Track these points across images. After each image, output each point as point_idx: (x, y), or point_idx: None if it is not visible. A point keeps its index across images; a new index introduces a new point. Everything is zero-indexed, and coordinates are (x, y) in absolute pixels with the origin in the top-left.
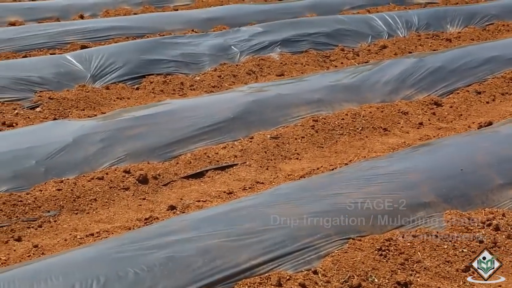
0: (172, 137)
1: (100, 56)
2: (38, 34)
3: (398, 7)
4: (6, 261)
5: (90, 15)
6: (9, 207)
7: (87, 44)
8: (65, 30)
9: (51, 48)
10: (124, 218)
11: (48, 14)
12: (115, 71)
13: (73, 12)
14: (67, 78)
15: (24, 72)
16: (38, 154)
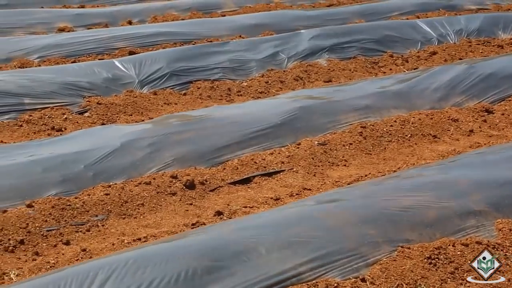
0: (219, 142)
1: (148, 61)
2: (87, 40)
3: (448, 13)
4: (55, 264)
5: (138, 21)
6: (58, 211)
7: (135, 50)
8: (113, 35)
9: (100, 54)
10: (171, 223)
11: (96, 20)
12: (162, 77)
13: (122, 18)
14: (115, 83)
15: (73, 77)
16: (87, 158)
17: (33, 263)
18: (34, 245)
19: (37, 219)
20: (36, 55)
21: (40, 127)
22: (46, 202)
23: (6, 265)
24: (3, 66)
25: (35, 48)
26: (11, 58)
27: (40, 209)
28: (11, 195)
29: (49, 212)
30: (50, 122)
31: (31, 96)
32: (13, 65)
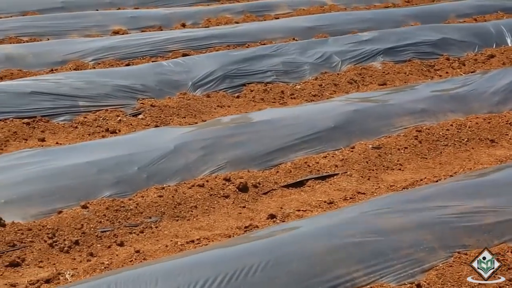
0: (272, 145)
1: (201, 64)
2: (141, 42)
3: (506, 15)
4: (109, 265)
5: (191, 24)
6: (112, 212)
7: (188, 52)
8: (167, 38)
9: (153, 56)
10: (224, 225)
11: (150, 23)
12: (216, 79)
13: (175, 20)
14: (168, 86)
15: (127, 79)
16: (140, 160)
17: (88, 264)
18: (89, 246)
19: (91, 220)
20: (91, 57)
21: (95, 128)
22: (101, 203)
23: (61, 265)
24: (58, 68)
25: (90, 50)
26: (67, 61)
27: (95, 210)
28: (66, 196)
29: (103, 213)
30: (105, 124)
31: (86, 98)
32: (68, 67)
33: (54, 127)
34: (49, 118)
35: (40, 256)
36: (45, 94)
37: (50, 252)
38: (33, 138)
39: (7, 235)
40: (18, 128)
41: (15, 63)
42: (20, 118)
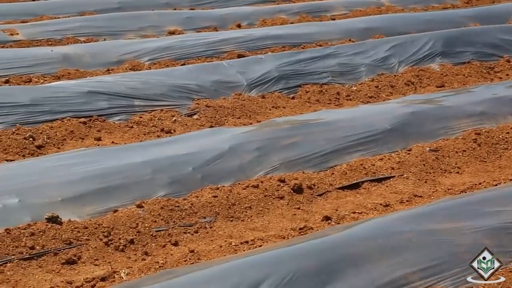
0: (327, 147)
1: (257, 64)
2: (196, 43)
3: None
4: (164, 264)
5: (247, 25)
6: (167, 212)
7: (243, 53)
8: (222, 39)
9: (209, 57)
10: (279, 227)
11: (206, 24)
12: (271, 80)
13: (231, 21)
14: (223, 86)
15: (183, 80)
16: (195, 160)
17: (143, 263)
18: (144, 245)
19: (146, 219)
20: (146, 57)
21: (150, 128)
22: (156, 202)
23: (116, 263)
24: (115, 68)
25: (146, 50)
26: (123, 61)
27: (150, 210)
28: (121, 195)
29: (158, 212)
30: (160, 124)
31: (142, 98)
32: (124, 67)
33: (110, 127)
34: (105, 118)
35: (96, 254)
36: (102, 94)
37: (106, 251)
38: (89, 137)
39: (63, 233)
40: (75, 127)
41: (72, 63)
42: (77, 117)
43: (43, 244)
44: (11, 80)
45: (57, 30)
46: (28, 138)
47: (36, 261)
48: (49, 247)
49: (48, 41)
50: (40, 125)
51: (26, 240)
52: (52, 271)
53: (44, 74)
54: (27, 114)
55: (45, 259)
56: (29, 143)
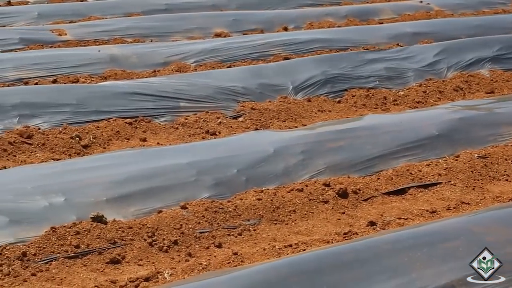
0: (373, 152)
1: (303, 68)
2: (242, 45)
3: None
4: (207, 266)
5: (293, 27)
6: (211, 213)
7: (290, 56)
8: (268, 41)
9: (255, 60)
10: (323, 231)
11: (252, 26)
12: (316, 84)
13: (277, 24)
14: (269, 89)
15: (228, 82)
16: (240, 163)
17: (186, 264)
18: (187, 246)
19: (190, 220)
20: (192, 59)
21: (195, 130)
22: (200, 204)
23: (160, 264)
24: (161, 70)
25: (192, 52)
26: (169, 62)
27: (194, 211)
28: (166, 196)
29: (202, 214)
30: (205, 125)
31: (187, 99)
32: (170, 69)
33: (155, 128)
34: (151, 119)
35: (140, 254)
36: (148, 95)
37: (150, 251)
38: (135, 138)
39: (108, 232)
40: (120, 128)
41: (119, 63)
42: (123, 118)
43: (88, 243)
44: (59, 80)
45: (104, 31)
46: (75, 137)
47: (81, 260)
48: (94, 246)
49: (96, 42)
50: (86, 125)
51: (71, 239)
52: (96, 270)
53: (91, 75)
54: (74, 114)
55: (89, 258)
56: (75, 142)
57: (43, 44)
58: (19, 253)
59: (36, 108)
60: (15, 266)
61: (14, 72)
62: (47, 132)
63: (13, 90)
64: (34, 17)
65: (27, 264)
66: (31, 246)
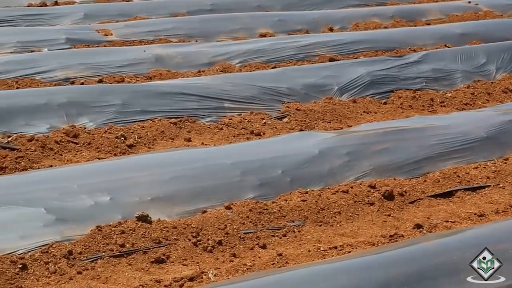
0: (420, 154)
1: (348, 69)
2: (287, 46)
3: None
4: (251, 267)
5: (339, 28)
6: (255, 214)
7: (335, 57)
8: (313, 42)
9: (300, 60)
10: (368, 233)
11: (297, 26)
12: (362, 85)
13: (323, 24)
14: (314, 90)
15: (273, 82)
16: (284, 164)
17: (230, 264)
18: (232, 247)
19: (235, 221)
20: (237, 60)
21: (240, 130)
22: (244, 205)
23: (204, 264)
24: (206, 70)
25: (237, 53)
26: (214, 62)
27: (238, 212)
28: (210, 196)
29: (246, 215)
30: (250, 126)
31: (232, 100)
32: (215, 69)
33: (200, 128)
34: (195, 119)
35: (184, 254)
36: (192, 95)
37: (194, 251)
38: (179, 138)
39: (153, 232)
40: (165, 128)
41: (164, 63)
42: (167, 117)
43: (133, 242)
44: (104, 80)
45: (149, 31)
46: (120, 137)
47: (125, 259)
48: (139, 246)
49: (141, 42)
50: (131, 125)
51: (117, 238)
52: (141, 269)
53: (136, 74)
54: (119, 114)
55: (134, 257)
56: (120, 142)
57: (89, 44)
58: (65, 251)
59: (82, 107)
60: (61, 264)
61: (60, 71)
62: (93, 131)
63: (59, 90)
64: (80, 17)
65: (73, 262)
66: (77, 245)
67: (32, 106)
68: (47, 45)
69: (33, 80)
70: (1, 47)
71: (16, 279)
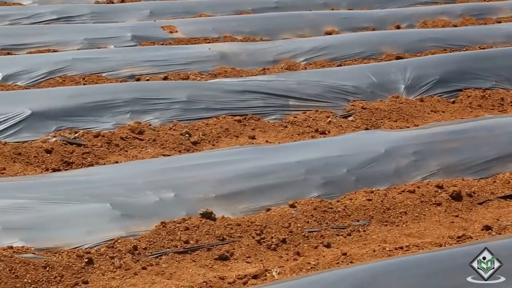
0: (489, 154)
1: (415, 67)
2: (353, 43)
3: None
4: (315, 266)
5: (406, 26)
6: (319, 213)
7: (402, 55)
8: (380, 40)
9: (366, 58)
10: (435, 234)
11: (363, 24)
12: (430, 83)
13: (390, 22)
14: (380, 88)
15: (338, 80)
16: (350, 162)
17: (294, 263)
18: (296, 245)
19: (299, 219)
20: (302, 57)
21: (304, 128)
22: (308, 203)
23: (268, 262)
24: (270, 68)
25: (302, 50)
26: (279, 60)
27: (302, 210)
28: (274, 194)
29: (311, 213)
30: (314, 124)
31: (297, 98)
32: (280, 67)
33: (264, 126)
34: (260, 117)
35: (248, 252)
36: (257, 93)
37: (258, 249)
38: (243, 136)
39: (217, 229)
40: (229, 125)
41: (228, 61)
42: (232, 115)
43: (197, 239)
44: (169, 77)
45: (214, 28)
46: (184, 134)
47: (190, 255)
48: (203, 242)
49: (206, 39)
50: (196, 122)
51: (181, 234)
52: (205, 266)
53: (201, 72)
54: (184, 111)
55: (198, 254)
56: (185, 139)
57: (154, 41)
58: (130, 247)
59: (147, 104)
60: (127, 259)
61: (126, 68)
62: (158, 128)
63: (125, 86)
64: (146, 14)
65: (137, 257)
66: (142, 240)
67: (98, 103)
68: (113, 42)
69: (99, 77)
70: (68, 44)
71: (82, 273)
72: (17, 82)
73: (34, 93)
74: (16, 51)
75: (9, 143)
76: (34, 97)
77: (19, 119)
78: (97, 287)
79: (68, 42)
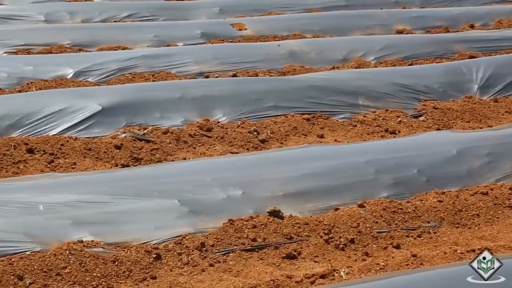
0: None
1: (490, 67)
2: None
3: None
4: (384, 267)
5: (480, 25)
6: (389, 213)
7: (475, 54)
8: (452, 39)
9: (438, 57)
10: (509, 237)
11: (436, 23)
12: (504, 83)
13: (463, 21)
14: (453, 88)
15: (409, 80)
16: (420, 163)
17: (363, 263)
18: (364, 246)
19: (368, 220)
20: (372, 56)
21: (374, 128)
22: (378, 203)
23: (336, 262)
24: (340, 66)
25: (372, 49)
26: (348, 59)
27: (371, 210)
28: (343, 194)
29: (380, 214)
30: (384, 124)
31: (366, 97)
32: (350, 66)
33: (333, 124)
34: (328, 115)
35: (316, 251)
36: (326, 91)
37: (326, 248)
38: (312, 134)
39: (284, 227)
40: (298, 124)
41: (298, 59)
42: (300, 113)
43: (265, 237)
44: (238, 75)
45: (283, 26)
46: (253, 132)
47: (257, 253)
48: (270, 241)
49: (275, 37)
50: (264, 120)
51: (248, 232)
52: (272, 264)
53: (269, 69)
54: (253, 109)
55: (265, 252)
56: (253, 137)
57: (223, 39)
58: (198, 243)
59: (216, 101)
60: (194, 256)
61: (195, 66)
62: (226, 125)
63: (194, 83)
64: (215, 12)
65: (205, 254)
66: (209, 237)
67: (167, 99)
68: (182, 39)
69: (168, 74)
70: (139, 41)
71: (150, 268)
72: (88, 78)
73: (104, 89)
74: (87, 47)
75: (79, 138)
76: (104, 93)
77: (90, 114)
78: (165, 283)
79: (138, 40)
